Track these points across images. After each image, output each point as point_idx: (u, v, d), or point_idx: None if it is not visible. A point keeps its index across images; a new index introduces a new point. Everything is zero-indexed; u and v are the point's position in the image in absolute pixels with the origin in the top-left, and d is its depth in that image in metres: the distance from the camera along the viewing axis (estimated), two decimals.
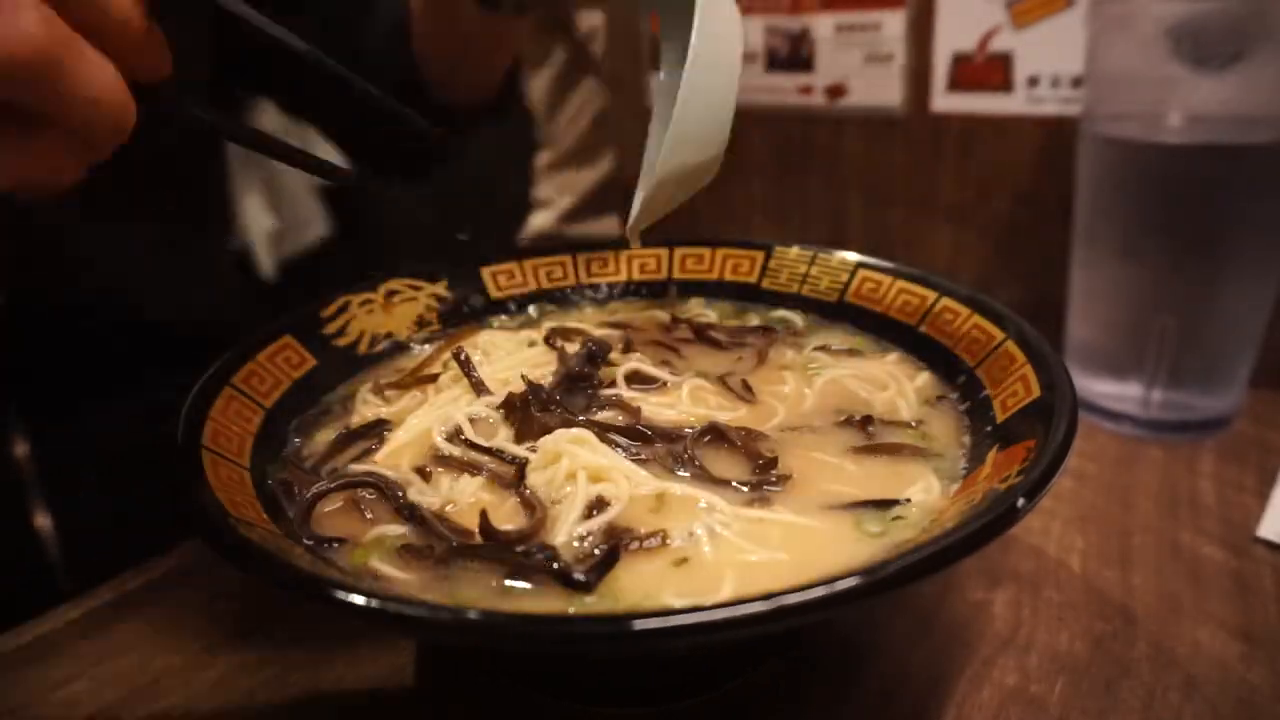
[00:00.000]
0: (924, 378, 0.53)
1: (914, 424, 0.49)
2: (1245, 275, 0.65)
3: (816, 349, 0.57)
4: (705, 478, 0.44)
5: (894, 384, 0.53)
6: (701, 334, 0.59)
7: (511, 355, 0.56)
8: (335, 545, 0.41)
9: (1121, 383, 0.70)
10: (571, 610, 0.36)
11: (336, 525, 0.42)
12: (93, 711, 0.46)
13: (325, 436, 0.50)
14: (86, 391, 0.62)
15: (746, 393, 0.52)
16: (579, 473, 0.42)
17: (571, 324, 0.61)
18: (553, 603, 0.36)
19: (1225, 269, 0.65)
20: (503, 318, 0.65)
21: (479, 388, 0.50)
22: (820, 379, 0.53)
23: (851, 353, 0.57)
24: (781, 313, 0.63)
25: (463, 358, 0.52)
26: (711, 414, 0.49)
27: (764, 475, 0.44)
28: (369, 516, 0.43)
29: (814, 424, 0.49)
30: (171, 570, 0.57)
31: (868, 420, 0.49)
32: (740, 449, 0.46)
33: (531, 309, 0.66)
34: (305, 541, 0.41)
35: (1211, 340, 0.67)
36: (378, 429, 0.49)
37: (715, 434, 0.47)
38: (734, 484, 0.43)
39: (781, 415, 0.50)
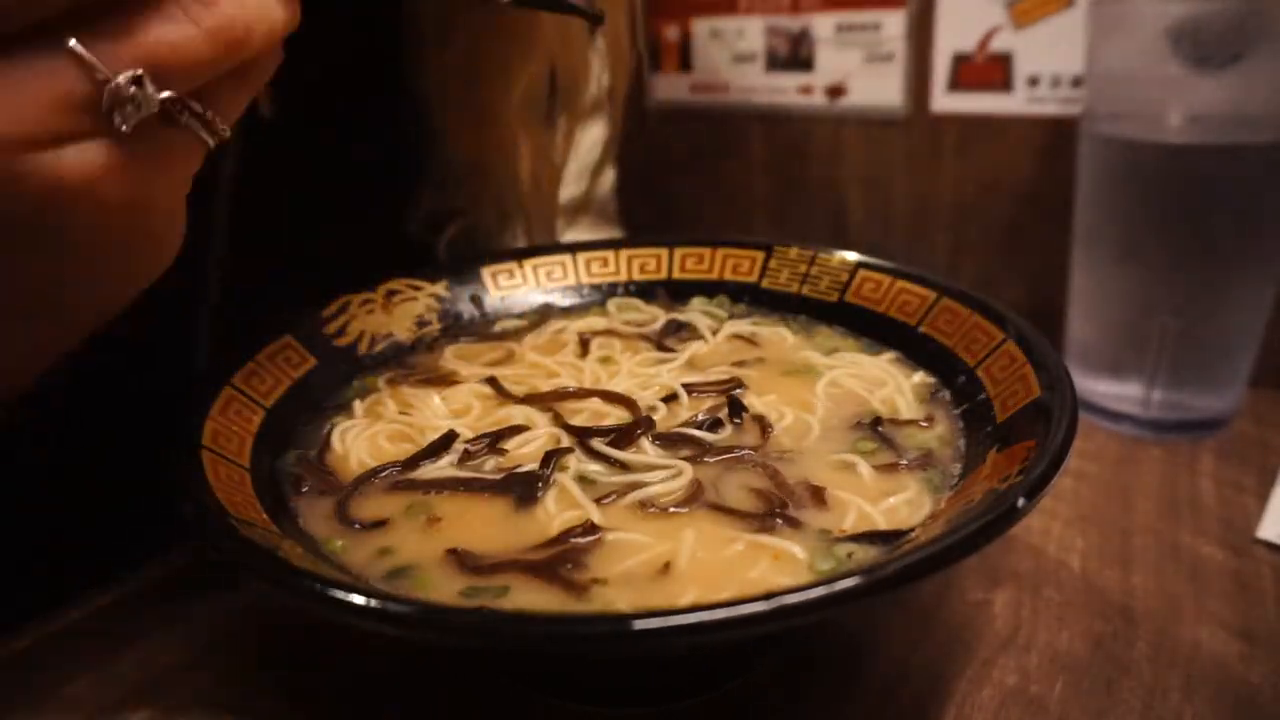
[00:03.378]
0: (920, 376, 0.53)
1: (924, 422, 0.49)
2: (1246, 275, 0.65)
3: (808, 351, 0.58)
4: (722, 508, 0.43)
5: (891, 380, 0.53)
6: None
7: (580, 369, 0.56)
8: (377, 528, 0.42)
9: (1121, 382, 0.70)
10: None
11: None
12: (93, 711, 0.46)
13: (340, 424, 0.51)
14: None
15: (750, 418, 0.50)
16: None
17: (600, 326, 0.62)
18: (549, 602, 0.36)
19: (1225, 269, 0.65)
20: (515, 321, 0.65)
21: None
22: (821, 381, 0.53)
23: (835, 351, 0.57)
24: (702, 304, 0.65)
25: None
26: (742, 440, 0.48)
27: (779, 510, 0.42)
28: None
29: (831, 434, 0.49)
30: (171, 570, 0.57)
31: (878, 422, 0.49)
32: (770, 480, 0.45)
33: (535, 310, 0.66)
34: (355, 526, 0.42)
35: (1212, 340, 0.67)
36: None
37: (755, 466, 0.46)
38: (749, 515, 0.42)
39: (817, 431, 0.49)
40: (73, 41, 0.31)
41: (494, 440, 0.47)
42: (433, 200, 0.73)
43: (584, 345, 0.59)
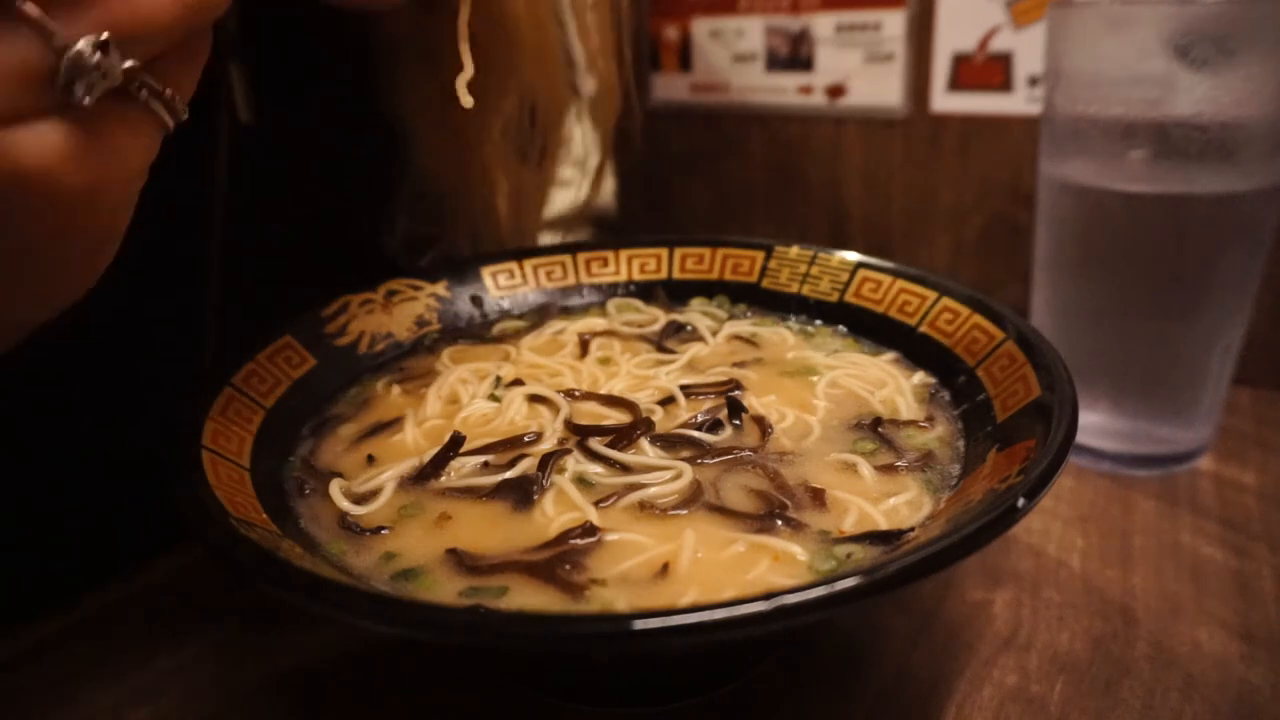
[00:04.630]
0: (920, 376, 0.53)
1: (924, 422, 0.49)
2: (1194, 326, 0.62)
3: (808, 351, 0.58)
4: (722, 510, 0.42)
5: (891, 381, 0.53)
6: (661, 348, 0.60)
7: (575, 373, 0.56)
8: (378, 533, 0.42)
9: (1083, 411, 0.66)
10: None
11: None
12: (93, 711, 0.46)
13: (348, 432, 0.51)
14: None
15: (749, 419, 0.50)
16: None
17: (600, 327, 0.62)
18: (547, 603, 0.36)
19: (1173, 320, 0.62)
20: (515, 322, 0.64)
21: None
22: (821, 382, 0.53)
23: (835, 352, 0.57)
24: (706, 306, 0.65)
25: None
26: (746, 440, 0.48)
27: (778, 510, 0.42)
28: None
29: (831, 435, 0.49)
30: (171, 570, 0.57)
31: (878, 422, 0.49)
32: (769, 481, 0.44)
33: (533, 311, 0.66)
34: (356, 531, 0.42)
35: (1164, 378, 0.64)
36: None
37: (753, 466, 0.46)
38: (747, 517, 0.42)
39: (818, 432, 0.49)
40: (28, 5, 0.27)
41: (511, 460, 0.46)
42: (409, 222, 0.72)
43: (583, 346, 0.59)
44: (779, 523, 0.41)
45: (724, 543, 0.40)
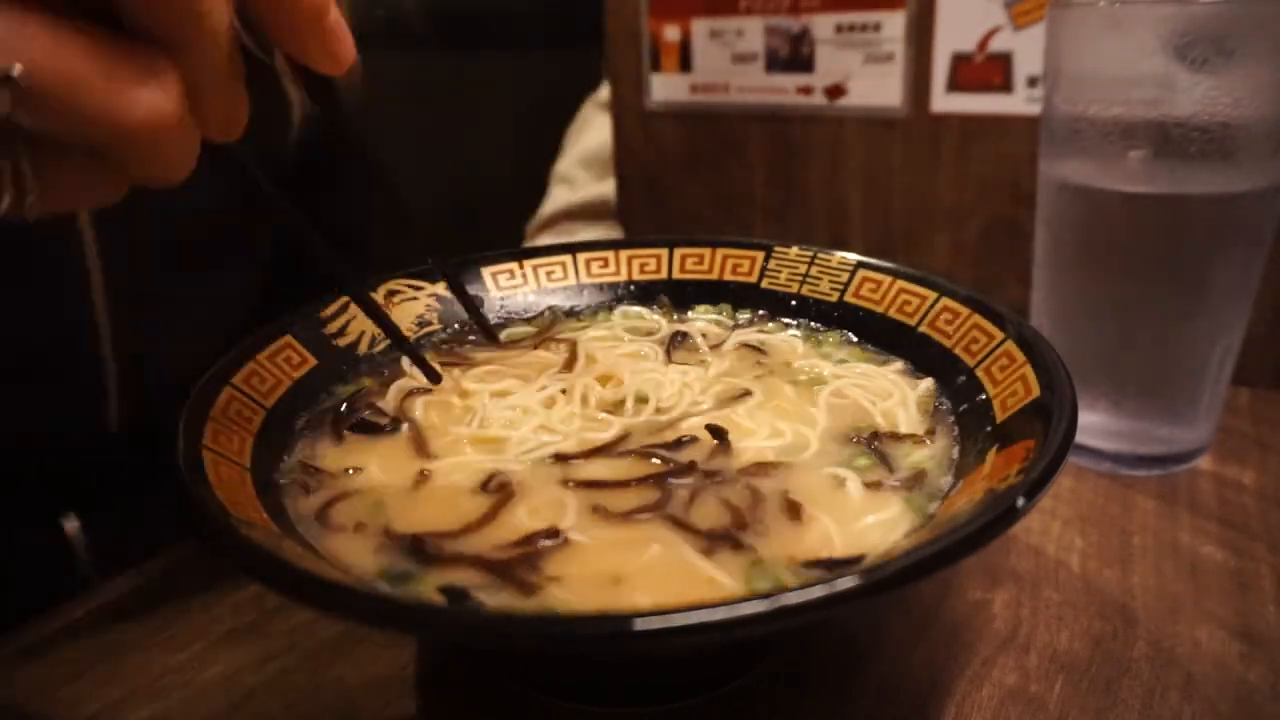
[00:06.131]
0: (925, 386, 0.52)
1: (923, 436, 0.48)
2: (1193, 327, 0.62)
3: (815, 359, 0.57)
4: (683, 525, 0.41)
5: (897, 392, 0.52)
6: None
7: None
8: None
9: (1083, 411, 0.65)
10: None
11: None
12: (94, 711, 0.46)
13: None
14: None
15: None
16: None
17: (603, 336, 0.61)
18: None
19: (1173, 320, 0.62)
20: (522, 328, 0.64)
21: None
22: (826, 392, 0.53)
23: (843, 361, 0.57)
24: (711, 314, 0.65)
25: None
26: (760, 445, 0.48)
27: (735, 531, 0.40)
28: None
29: (828, 448, 0.48)
30: (171, 570, 0.57)
31: (875, 437, 0.48)
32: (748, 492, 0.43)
33: (537, 313, 0.65)
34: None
35: (1164, 377, 0.64)
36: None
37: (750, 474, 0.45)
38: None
39: (815, 445, 0.48)
40: None
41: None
42: None
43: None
44: (726, 546, 0.39)
45: (681, 565, 0.38)
